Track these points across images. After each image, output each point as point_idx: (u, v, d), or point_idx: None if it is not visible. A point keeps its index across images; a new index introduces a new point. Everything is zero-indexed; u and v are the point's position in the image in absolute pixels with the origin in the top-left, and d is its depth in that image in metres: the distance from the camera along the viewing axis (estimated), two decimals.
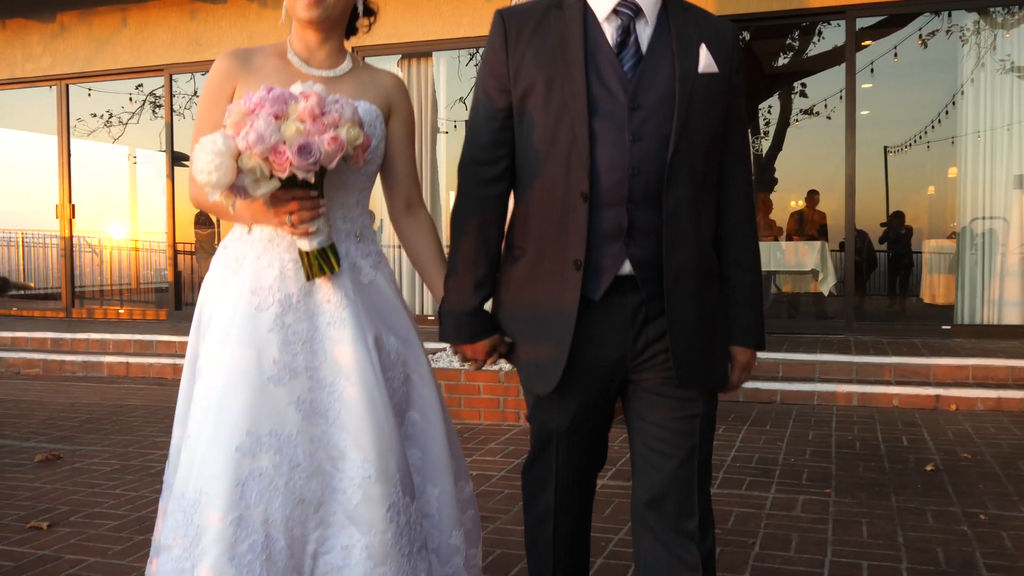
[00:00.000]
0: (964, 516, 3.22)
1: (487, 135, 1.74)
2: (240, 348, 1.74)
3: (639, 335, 1.68)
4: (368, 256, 1.91)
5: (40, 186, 11.61)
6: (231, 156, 1.58)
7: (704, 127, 1.67)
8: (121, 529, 3.20)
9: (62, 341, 7.65)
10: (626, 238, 1.65)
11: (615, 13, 1.68)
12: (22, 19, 9.15)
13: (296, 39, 1.90)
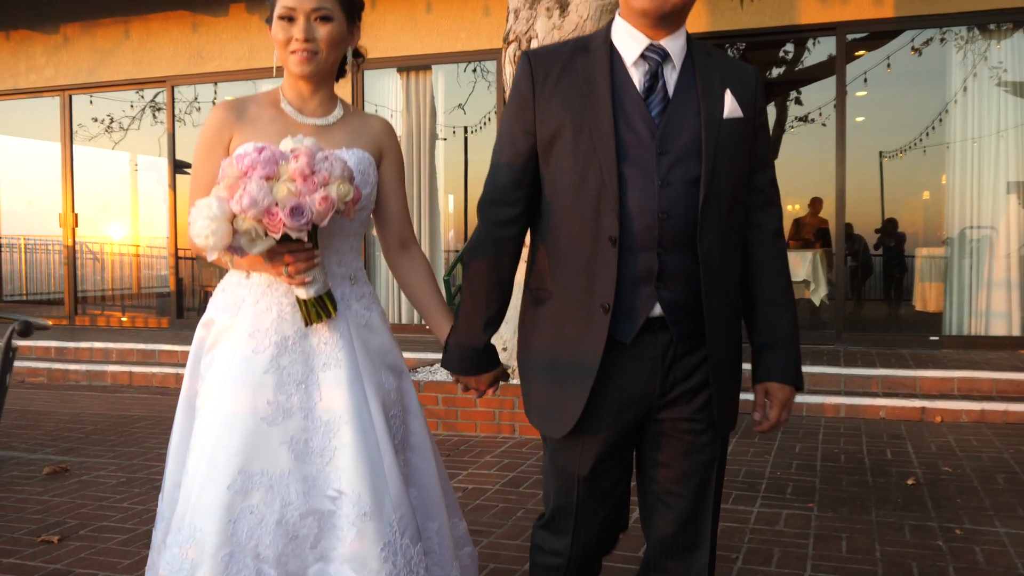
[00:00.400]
0: (941, 531, 3.35)
1: (509, 177, 1.77)
2: (236, 389, 1.81)
3: (667, 374, 1.71)
4: (362, 298, 1.97)
5: (42, 192, 11.73)
6: (226, 220, 1.65)
7: (730, 173, 1.70)
8: (129, 543, 3.32)
9: (66, 350, 7.77)
10: (656, 281, 1.67)
11: (643, 58, 1.70)
12: (26, 30, 9.27)
13: (289, 88, 1.97)
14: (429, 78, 8.21)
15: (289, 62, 1.92)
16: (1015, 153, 6.83)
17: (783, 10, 7.07)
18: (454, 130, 9.02)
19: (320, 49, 1.89)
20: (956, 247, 7.10)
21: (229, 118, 1.91)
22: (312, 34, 1.89)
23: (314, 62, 1.89)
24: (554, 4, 4.70)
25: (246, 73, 8.56)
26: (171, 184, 9.05)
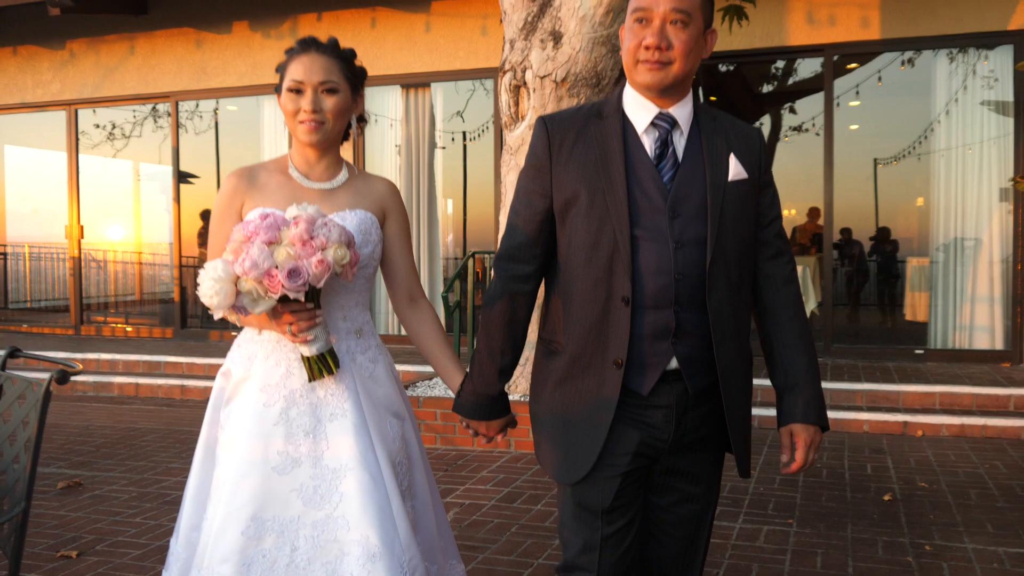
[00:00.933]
0: (912, 547, 3.54)
1: (525, 235, 1.87)
2: (250, 440, 1.95)
3: (680, 422, 1.82)
4: (368, 350, 2.08)
5: (46, 200, 11.92)
6: (230, 281, 1.79)
7: (736, 232, 1.81)
8: (144, 558, 3.51)
9: (73, 361, 7.93)
10: (673, 338, 1.77)
11: (653, 125, 1.82)
12: (33, 46, 9.45)
13: (296, 155, 2.10)
14: (428, 94, 8.39)
15: (298, 131, 2.04)
16: (996, 167, 7.01)
17: (772, 32, 7.26)
18: (452, 137, 9.19)
19: (327, 119, 2.02)
20: (940, 260, 7.29)
21: (241, 186, 2.05)
22: (319, 105, 2.02)
23: (321, 131, 2.02)
24: (548, 36, 4.89)
25: (249, 89, 8.75)
26: (175, 197, 9.24)
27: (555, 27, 4.88)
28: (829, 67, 7.30)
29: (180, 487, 4.54)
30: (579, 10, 4.75)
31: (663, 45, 1.75)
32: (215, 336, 9.02)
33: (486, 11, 7.78)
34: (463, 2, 7.93)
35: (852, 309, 11.65)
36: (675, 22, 1.75)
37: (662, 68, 1.76)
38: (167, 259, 12.94)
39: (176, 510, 4.09)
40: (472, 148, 9.61)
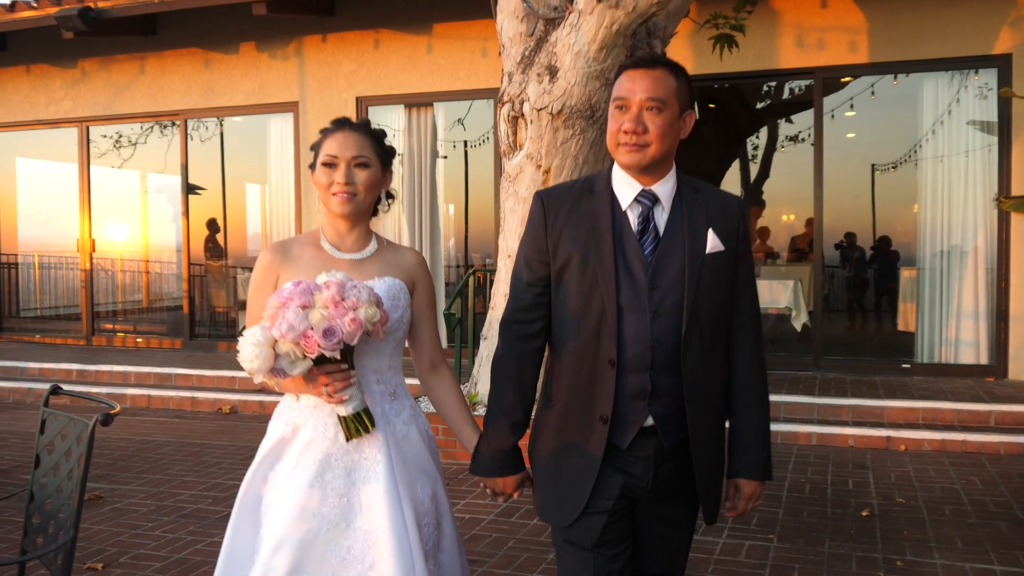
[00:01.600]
0: (884, 562, 3.77)
1: (528, 299, 2.03)
2: (288, 503, 2.05)
3: (657, 472, 1.99)
4: (402, 412, 2.18)
5: (55, 210, 12.16)
6: (268, 345, 1.89)
7: (711, 301, 1.96)
8: (165, 570, 3.74)
9: (87, 372, 8.20)
10: (649, 398, 1.94)
11: (636, 201, 1.99)
12: (46, 65, 9.71)
13: (328, 227, 2.22)
14: (431, 113, 8.63)
15: (331, 203, 2.15)
16: (982, 186, 7.22)
17: (764, 55, 7.49)
18: (454, 144, 9.42)
19: (359, 191, 2.14)
20: (927, 276, 7.51)
21: (276, 260, 2.17)
22: (352, 178, 2.13)
23: (353, 203, 2.14)
24: (544, 71, 5.13)
25: (255, 108, 8.99)
26: (184, 211, 9.49)
27: (551, 62, 5.12)
28: (819, 87, 7.53)
29: (195, 500, 4.78)
30: (574, 46, 4.99)
31: (639, 130, 1.92)
32: (223, 347, 9.26)
33: (486, 34, 8.01)
34: (464, 25, 8.16)
35: (844, 318, 11.85)
36: (651, 108, 1.93)
37: (640, 150, 1.93)
38: (173, 267, 13.22)
39: (192, 523, 4.34)
40: (473, 155, 9.86)
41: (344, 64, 8.61)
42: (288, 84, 8.82)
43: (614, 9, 4.78)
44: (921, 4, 7.15)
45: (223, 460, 5.71)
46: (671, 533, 2.08)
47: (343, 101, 8.62)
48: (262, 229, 13.84)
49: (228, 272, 10.53)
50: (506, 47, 5.42)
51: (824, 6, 7.41)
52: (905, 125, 8.08)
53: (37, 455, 2.66)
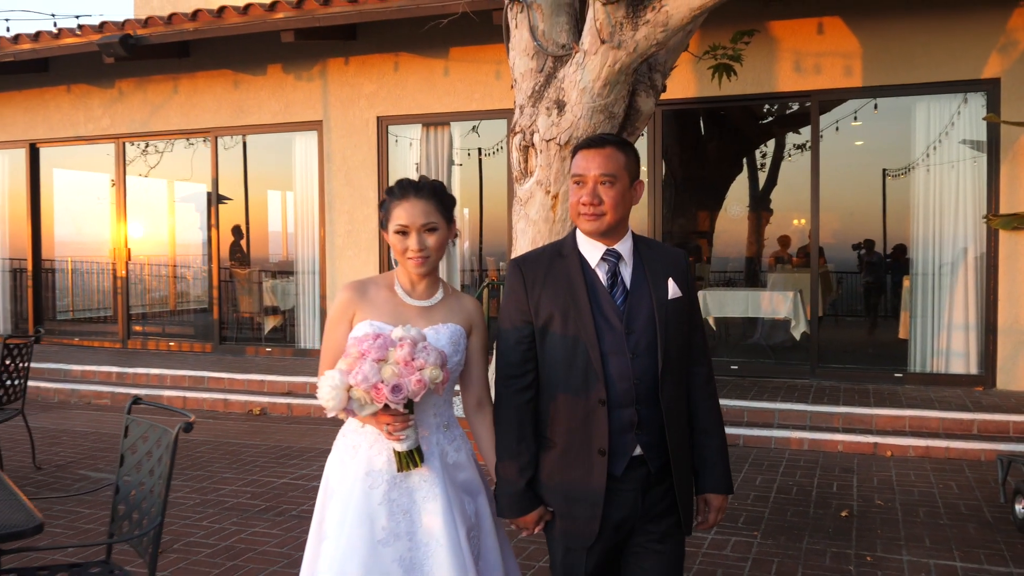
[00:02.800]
0: (855, 557, 4.19)
1: (516, 356, 2.29)
2: (357, 517, 2.28)
3: (645, 498, 2.24)
4: (453, 441, 2.42)
5: (88, 219, 12.73)
6: (344, 389, 2.17)
7: (677, 339, 2.26)
8: (214, 556, 4.22)
9: (125, 375, 8.72)
10: (636, 430, 2.21)
11: (603, 260, 2.27)
12: (85, 85, 10.25)
13: (402, 275, 2.45)
14: (447, 131, 9.09)
15: (407, 266, 2.40)
16: (972, 203, 7.60)
17: (763, 79, 7.90)
18: (468, 152, 9.86)
19: (431, 254, 2.38)
20: (919, 288, 7.89)
21: (354, 298, 2.41)
22: (423, 244, 2.36)
23: (427, 264, 2.39)
24: (553, 104, 5.57)
25: (282, 126, 9.49)
26: (215, 223, 10.00)
27: (559, 96, 5.56)
28: (815, 110, 7.93)
29: (236, 495, 5.26)
30: (579, 83, 5.43)
31: (595, 201, 2.22)
32: (251, 351, 9.77)
33: (499, 57, 8.46)
34: (479, 49, 8.61)
35: (843, 327, 12.16)
36: (604, 183, 2.22)
37: (598, 219, 2.23)
38: (200, 273, 13.76)
39: (234, 515, 4.83)
40: (487, 162, 10.30)
41: (365, 85, 9.09)
42: (313, 104, 9.31)
43: (616, 50, 5.22)
44: (913, 30, 7.53)
45: (257, 458, 6.20)
46: (661, 549, 2.29)
47: (364, 120, 9.10)
48: (283, 238, 14.39)
49: (253, 278, 11.04)
50: (518, 82, 5.86)
51: (820, 32, 7.81)
52: (899, 146, 8.45)
53: (122, 455, 3.14)
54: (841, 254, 12.79)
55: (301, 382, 8.09)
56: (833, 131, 10.13)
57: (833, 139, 10.16)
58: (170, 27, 8.56)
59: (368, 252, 9.16)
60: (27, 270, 11.15)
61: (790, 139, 13.18)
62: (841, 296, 13.51)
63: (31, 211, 10.99)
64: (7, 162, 11.13)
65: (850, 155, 11.77)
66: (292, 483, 5.57)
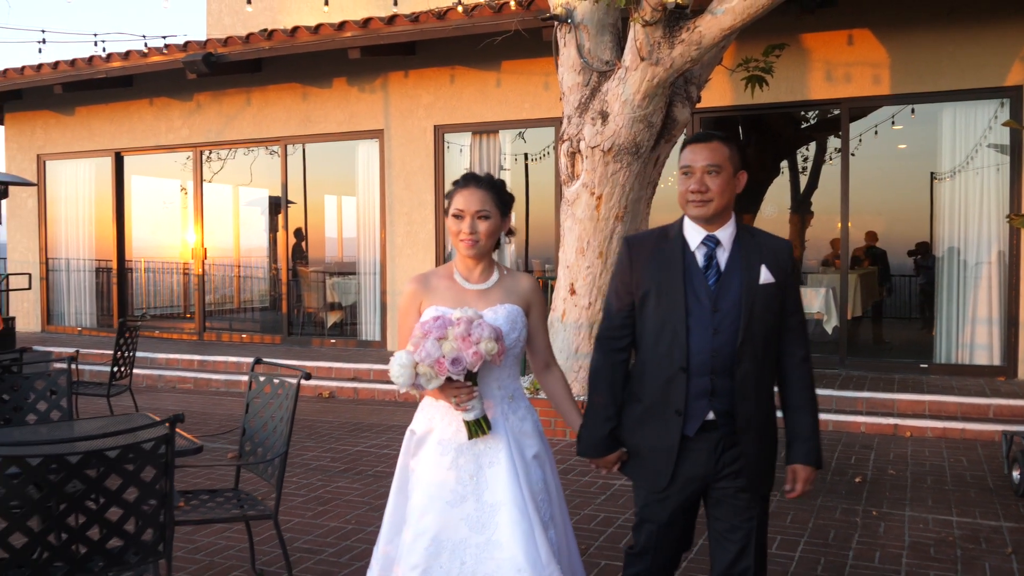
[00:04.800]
0: (862, 513, 4.75)
1: (618, 320, 2.57)
2: (430, 481, 2.55)
3: (719, 459, 2.46)
4: (518, 411, 2.63)
5: (159, 222, 13.68)
6: (411, 366, 2.43)
7: (763, 321, 2.43)
8: (307, 504, 4.94)
9: (206, 362, 9.56)
10: (710, 396, 2.43)
11: (703, 244, 2.49)
12: (166, 98, 11.16)
13: (459, 263, 2.69)
14: (497, 139, 9.78)
15: (459, 247, 2.64)
16: (996, 203, 8.04)
17: (795, 88, 8.44)
18: (516, 158, 10.51)
19: (480, 238, 2.60)
20: (944, 284, 8.34)
21: (419, 290, 2.67)
22: (474, 228, 2.60)
23: (476, 248, 2.61)
24: (598, 115, 6.21)
25: (346, 135, 10.27)
26: (284, 224, 10.83)
27: (603, 108, 6.21)
28: (846, 117, 8.44)
29: (317, 459, 5.99)
30: (621, 96, 6.07)
31: (703, 189, 2.46)
32: (316, 343, 10.55)
33: (547, 70, 9.10)
34: (529, 62, 9.28)
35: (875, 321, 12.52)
36: (710, 172, 2.46)
37: (705, 204, 2.46)
38: (264, 272, 14.64)
39: (318, 475, 5.55)
40: (533, 168, 10.94)
41: (423, 97, 9.82)
42: (375, 114, 10.07)
43: (654, 66, 5.85)
44: (939, 40, 8.01)
45: (331, 432, 6.93)
46: (739, 505, 2.49)
47: (422, 129, 9.83)
48: (339, 240, 15.20)
49: (317, 277, 11.84)
50: (566, 95, 6.52)
51: (850, 43, 8.33)
52: (926, 149, 8.90)
53: (247, 403, 3.86)
54: (894, 257, 13.00)
55: (365, 369, 8.83)
56: (872, 135, 10.62)
57: (873, 143, 10.64)
58: (248, 45, 9.39)
59: (425, 252, 9.88)
60: (112, 269, 12.07)
61: (830, 143, 13.63)
62: (891, 296, 13.76)
63: (116, 215, 11.91)
64: (94, 170, 12.10)
65: (894, 159, 12.19)
66: (365, 451, 6.29)
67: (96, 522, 2.73)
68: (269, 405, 3.79)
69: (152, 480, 2.83)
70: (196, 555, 4.24)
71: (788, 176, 14.12)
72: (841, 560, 4.06)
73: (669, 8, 5.59)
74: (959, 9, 7.88)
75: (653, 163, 6.57)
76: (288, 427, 3.58)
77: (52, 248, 12.51)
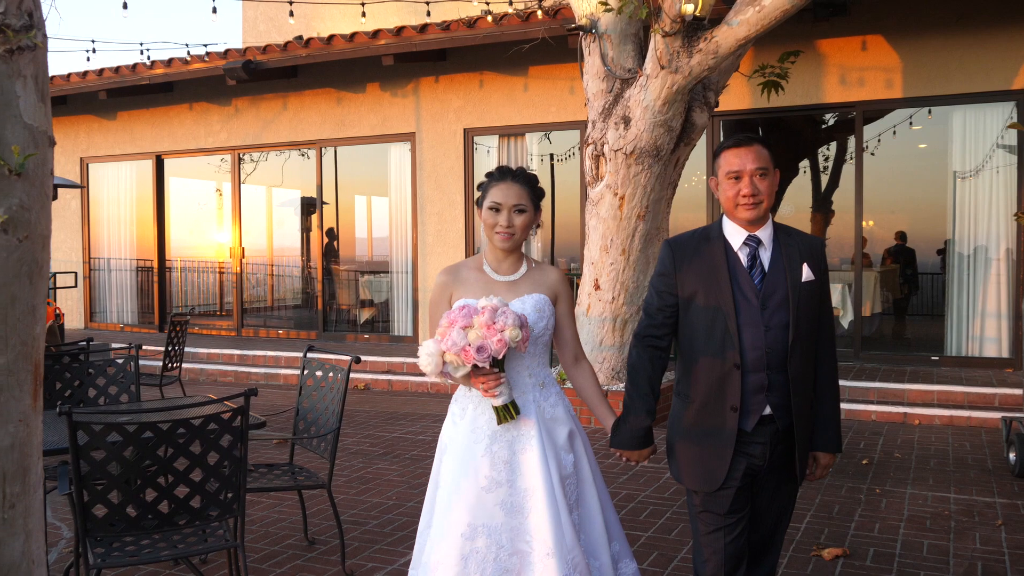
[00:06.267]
0: (866, 490, 5.10)
1: (658, 320, 2.61)
2: (463, 468, 2.59)
3: (773, 452, 2.53)
4: (549, 397, 2.68)
5: (196, 223, 14.16)
6: (438, 355, 2.49)
7: (808, 318, 2.50)
8: (351, 483, 5.36)
9: (246, 357, 10.04)
10: (767, 392, 2.48)
11: (745, 244, 2.53)
12: (205, 103, 11.67)
13: (489, 254, 2.74)
14: (524, 141, 10.18)
15: (495, 239, 2.68)
16: (1004, 200, 8.32)
17: (811, 92, 8.78)
18: (542, 158, 10.88)
19: (516, 232, 2.67)
20: (955, 280, 8.64)
21: (449, 281, 2.74)
22: (512, 222, 2.65)
23: (512, 241, 2.67)
24: (620, 120, 6.60)
25: (379, 138, 10.72)
26: (319, 224, 11.29)
27: (626, 113, 6.59)
28: (859, 120, 8.77)
29: (357, 444, 6.43)
30: (643, 102, 6.45)
31: (754, 192, 2.50)
32: (350, 338, 11.01)
33: (573, 75, 9.50)
34: (554, 67, 9.68)
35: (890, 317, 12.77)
36: (760, 175, 2.52)
37: (756, 207, 2.51)
38: (300, 270, 15.11)
39: (359, 458, 5.97)
40: (559, 168, 11.30)
41: (453, 101, 10.25)
42: (406, 118, 10.51)
43: (674, 74, 6.22)
44: (949, 46, 8.31)
45: (368, 421, 7.37)
46: (777, 504, 2.62)
47: (452, 132, 10.26)
48: (368, 239, 15.64)
49: (350, 275, 12.29)
50: (590, 100, 6.91)
51: (864, 49, 8.65)
52: (938, 150, 9.19)
53: (300, 386, 4.28)
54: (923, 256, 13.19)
55: (399, 362, 9.26)
56: (890, 136, 10.88)
57: (891, 144, 10.90)
58: (286, 53, 9.86)
59: (455, 250, 10.30)
60: (153, 268, 12.60)
61: (845, 145, 13.90)
62: (918, 293, 13.98)
63: (157, 216, 12.44)
64: (135, 172, 12.65)
65: (911, 159, 12.44)
66: (402, 437, 6.72)
67: (182, 482, 3.15)
68: (321, 387, 4.21)
69: (229, 446, 3.25)
70: (252, 526, 4.66)
71: (805, 177, 14.41)
72: (843, 531, 4.42)
73: (687, 20, 5.97)
74: (967, 16, 8.18)
75: (673, 165, 6.94)
76: (340, 406, 3.99)
77: (95, 248, 13.06)
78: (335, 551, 4.21)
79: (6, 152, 1.70)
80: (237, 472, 3.29)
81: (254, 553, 4.24)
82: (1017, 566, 3.93)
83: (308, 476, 4.18)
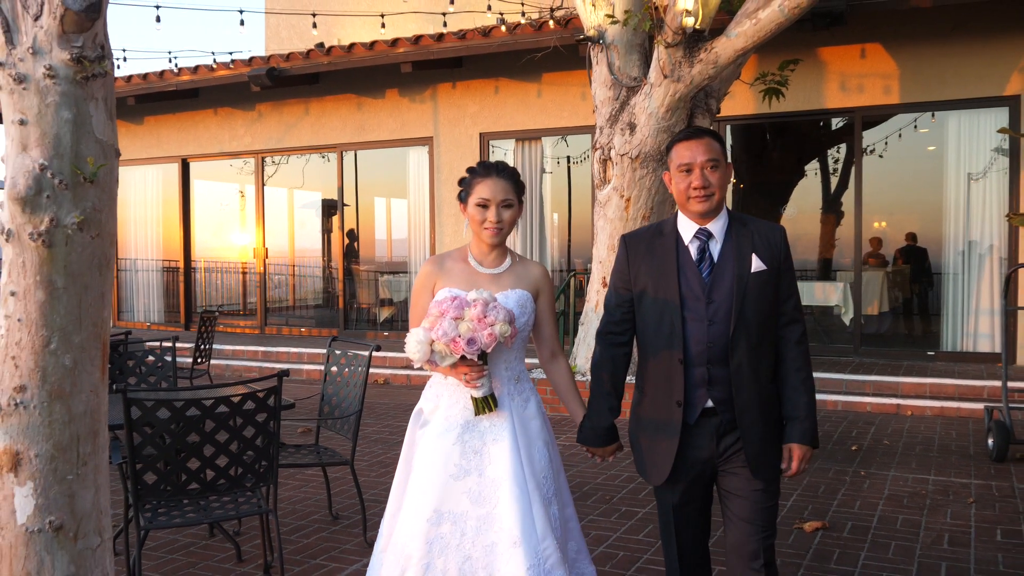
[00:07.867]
0: (852, 473, 5.45)
1: (617, 316, 2.61)
2: (434, 455, 2.60)
3: (719, 443, 2.49)
4: (523, 392, 2.70)
5: (219, 224, 14.62)
6: (427, 343, 2.49)
7: (756, 309, 2.44)
8: (371, 467, 5.78)
9: (270, 353, 10.48)
10: (708, 385, 2.46)
11: (696, 238, 2.52)
12: (230, 108, 12.13)
13: (475, 247, 2.75)
14: (539, 145, 10.57)
15: (483, 235, 2.70)
16: (997, 201, 8.63)
17: (812, 98, 9.12)
18: (558, 161, 11.25)
19: (504, 226, 2.70)
20: (950, 278, 8.95)
21: (434, 271, 2.74)
22: (500, 217, 2.68)
23: (500, 235, 2.70)
24: (626, 126, 6.98)
25: (398, 142, 11.14)
26: (340, 226, 11.74)
27: (631, 119, 6.97)
28: (858, 124, 9.09)
29: (378, 432, 6.84)
30: (647, 109, 6.83)
31: (705, 184, 2.48)
32: (370, 335, 11.44)
33: (584, 81, 9.85)
34: (567, 74, 10.06)
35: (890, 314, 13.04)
36: (711, 167, 2.50)
37: (708, 199, 2.49)
38: (321, 271, 15.54)
39: (379, 445, 6.38)
40: (574, 170, 11.66)
41: (470, 106, 10.65)
42: (424, 123, 10.93)
43: (676, 83, 6.60)
44: (944, 54, 8.63)
45: (388, 412, 7.79)
46: (743, 488, 2.52)
47: (469, 136, 10.66)
48: (387, 241, 16.06)
49: (370, 275, 12.72)
50: (599, 107, 7.30)
51: (863, 56, 8.98)
52: (935, 153, 9.51)
53: (324, 374, 4.69)
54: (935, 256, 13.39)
55: None
56: (897, 139, 11.19)
57: (895, 147, 11.22)
58: (308, 60, 10.30)
59: None
60: (179, 268, 13.08)
61: (846, 149, 14.19)
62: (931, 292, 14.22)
63: (183, 218, 12.92)
64: (161, 175, 13.13)
65: (911, 162, 12.72)
66: None
67: (222, 453, 3.56)
68: (344, 373, 4.61)
69: (264, 421, 3.66)
70: (281, 503, 5.06)
71: (807, 180, 14.72)
72: (825, 507, 4.78)
73: (688, 32, 6.34)
74: (962, 25, 8.50)
75: None
76: (362, 390, 4.39)
77: (122, 249, 13.55)
78: (357, 524, 4.60)
79: (82, 163, 1.96)
80: (271, 445, 3.69)
81: (283, 526, 4.64)
82: (981, 537, 4.27)
83: (332, 455, 4.57)
